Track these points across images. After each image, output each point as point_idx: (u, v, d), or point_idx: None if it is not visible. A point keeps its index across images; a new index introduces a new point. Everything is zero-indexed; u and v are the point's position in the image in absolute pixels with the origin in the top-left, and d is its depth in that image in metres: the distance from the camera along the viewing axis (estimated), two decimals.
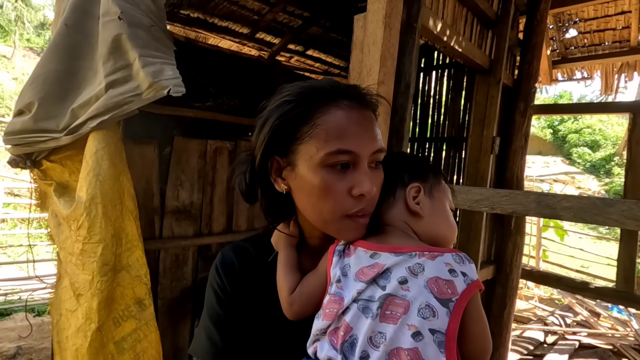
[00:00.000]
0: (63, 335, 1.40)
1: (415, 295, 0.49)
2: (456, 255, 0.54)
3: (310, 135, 0.57)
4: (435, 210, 0.63)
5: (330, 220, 0.59)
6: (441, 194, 0.66)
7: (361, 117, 0.59)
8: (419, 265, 0.52)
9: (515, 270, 2.79)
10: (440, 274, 0.51)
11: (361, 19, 1.40)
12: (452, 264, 0.52)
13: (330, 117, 0.57)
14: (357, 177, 0.57)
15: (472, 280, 0.51)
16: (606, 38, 3.37)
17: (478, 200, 1.20)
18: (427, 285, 0.50)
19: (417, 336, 0.47)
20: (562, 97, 20.81)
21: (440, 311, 0.48)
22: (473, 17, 2.26)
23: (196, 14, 2.98)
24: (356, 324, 0.51)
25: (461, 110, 3.14)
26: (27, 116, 1.38)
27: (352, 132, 0.57)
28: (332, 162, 0.56)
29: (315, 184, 0.57)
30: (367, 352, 0.48)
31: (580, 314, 4.71)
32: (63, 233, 1.41)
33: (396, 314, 0.49)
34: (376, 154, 0.60)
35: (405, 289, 0.50)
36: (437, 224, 0.63)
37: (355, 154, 0.57)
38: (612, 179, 15.27)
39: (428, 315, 0.48)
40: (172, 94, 1.36)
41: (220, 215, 2.99)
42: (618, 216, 0.95)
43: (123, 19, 1.43)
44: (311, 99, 0.59)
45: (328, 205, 0.58)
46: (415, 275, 0.51)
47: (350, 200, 0.57)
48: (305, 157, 0.58)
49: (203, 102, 2.87)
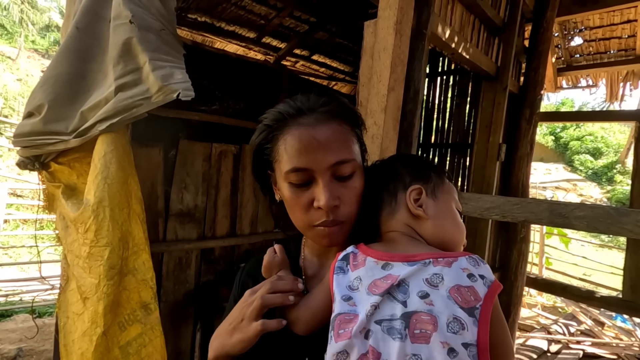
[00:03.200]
0: (69, 339, 1.38)
1: (441, 309, 0.46)
2: (470, 258, 0.51)
3: (278, 154, 0.63)
4: (440, 211, 0.60)
5: (303, 228, 0.65)
6: (445, 194, 0.63)
7: (316, 133, 0.61)
8: (437, 276, 0.49)
9: (520, 278, 2.78)
10: (460, 281, 0.48)
11: (372, 25, 1.40)
12: (469, 269, 0.49)
13: (288, 137, 0.62)
14: (316, 191, 0.61)
15: (491, 281, 0.49)
16: (612, 46, 3.37)
17: (489, 208, 1.19)
18: (450, 295, 0.47)
19: (451, 353, 0.44)
20: (564, 104, 20.82)
21: (468, 322, 0.45)
22: (480, 23, 2.26)
23: (203, 18, 3.00)
24: (384, 347, 0.47)
25: (466, 117, 3.14)
26: (37, 118, 1.39)
27: (304, 150, 0.60)
28: (291, 180, 0.62)
29: (286, 197, 0.64)
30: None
31: (585, 323, 4.67)
32: (70, 236, 1.40)
33: (426, 332, 0.45)
34: (337, 165, 0.61)
35: (428, 303, 0.47)
36: (443, 226, 0.60)
37: (310, 170, 0.60)
38: (614, 187, 15.22)
39: (457, 329, 0.45)
40: (181, 97, 1.36)
41: (224, 219, 2.99)
42: (633, 226, 0.94)
43: (134, 23, 1.44)
44: (277, 122, 0.64)
45: (297, 216, 0.64)
46: (436, 286, 0.48)
47: (314, 212, 0.61)
48: (279, 175, 0.65)
49: (209, 105, 2.88)
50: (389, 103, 1.36)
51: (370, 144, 1.39)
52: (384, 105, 1.34)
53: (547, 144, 18.50)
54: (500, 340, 0.49)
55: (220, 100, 2.94)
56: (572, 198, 14.20)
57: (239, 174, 3.02)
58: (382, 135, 1.35)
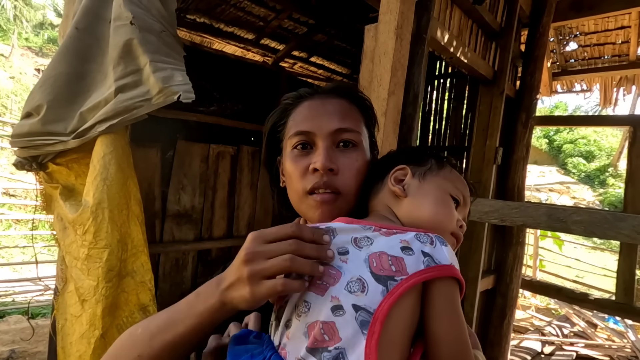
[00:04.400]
0: (67, 341, 1.37)
1: (350, 268, 0.44)
2: (424, 235, 0.47)
3: (288, 127, 0.65)
4: (422, 192, 0.57)
5: (298, 200, 0.62)
6: (439, 178, 0.58)
7: (322, 102, 0.63)
8: (367, 239, 0.47)
9: (516, 280, 2.80)
10: (389, 250, 0.44)
11: (372, 29, 1.41)
12: (409, 242, 0.45)
13: (300, 108, 0.64)
14: (314, 155, 0.61)
15: (437, 263, 0.44)
16: (606, 52, 3.42)
17: (488, 212, 1.20)
18: (367, 259, 0.44)
19: (338, 309, 0.41)
20: (558, 108, 21.05)
21: (372, 287, 0.42)
22: (478, 28, 2.29)
23: (202, 19, 2.99)
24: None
25: (463, 120, 3.17)
26: (35, 119, 1.37)
27: (309, 116, 0.62)
28: (293, 144, 0.62)
29: (287, 170, 0.63)
30: (290, 321, 0.45)
31: (578, 325, 4.72)
32: (69, 237, 1.39)
33: (326, 284, 0.44)
34: (338, 132, 0.61)
35: (344, 260, 0.45)
36: (420, 204, 0.55)
37: (312, 133, 0.61)
38: (606, 190, 15.41)
39: (356, 289, 0.42)
40: (182, 99, 1.36)
41: (221, 220, 2.98)
42: (629, 231, 0.95)
43: (135, 24, 1.43)
44: (295, 100, 0.67)
45: (294, 185, 0.62)
46: (359, 248, 0.46)
47: (310, 176, 0.60)
48: (285, 148, 0.65)
49: (207, 106, 2.87)
50: (389, 107, 1.37)
51: None
52: (384, 109, 1.35)
53: (541, 147, 18.68)
54: (447, 337, 0.44)
55: (218, 101, 2.94)
56: (566, 201, 14.34)
57: (236, 175, 3.02)
58: (382, 139, 1.35)
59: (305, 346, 0.41)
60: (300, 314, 0.44)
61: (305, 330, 0.42)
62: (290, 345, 0.43)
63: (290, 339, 0.44)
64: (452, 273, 0.45)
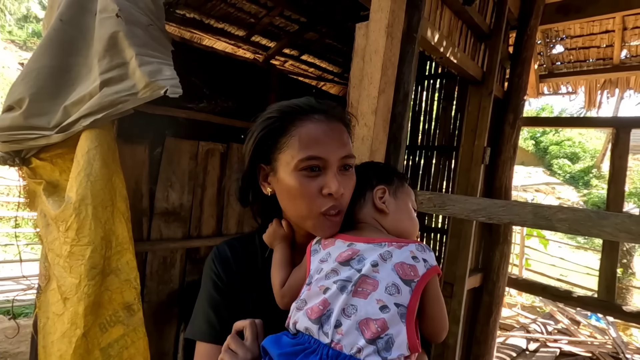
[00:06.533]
0: (49, 340, 1.34)
1: (383, 276, 0.59)
2: (419, 245, 0.64)
3: (287, 145, 0.68)
4: (399, 208, 0.74)
5: (307, 216, 0.69)
6: (404, 194, 0.76)
7: (329, 128, 0.69)
8: (389, 253, 0.62)
9: (502, 278, 2.84)
10: (405, 259, 0.61)
11: (363, 27, 1.41)
12: (415, 252, 0.62)
13: (303, 130, 0.68)
14: (327, 179, 0.67)
15: (431, 265, 0.61)
16: (591, 55, 3.49)
17: (475, 210, 1.21)
18: (394, 268, 0.60)
19: (384, 309, 0.56)
20: (544, 110, 21.44)
21: (403, 289, 0.58)
22: (468, 29, 2.31)
23: (192, 14, 2.95)
24: (333, 299, 0.58)
25: (452, 120, 3.20)
26: (17, 112, 1.33)
27: (321, 141, 0.67)
28: (304, 166, 0.67)
29: (292, 186, 0.67)
30: (340, 322, 0.56)
31: (561, 322, 4.82)
32: (51, 234, 1.36)
33: (366, 290, 0.58)
34: (345, 159, 0.69)
35: (376, 271, 0.60)
36: (401, 219, 0.73)
37: (324, 160, 0.67)
38: (590, 190, 15.76)
39: (394, 292, 0.57)
40: (169, 94, 1.33)
41: (210, 218, 2.95)
42: (612, 229, 0.98)
43: (121, 17, 1.40)
44: (288, 115, 0.70)
45: (304, 204, 0.68)
46: (385, 260, 0.61)
47: (322, 199, 0.67)
48: (284, 164, 0.68)
49: (196, 103, 2.84)
50: (380, 105, 1.37)
51: (360, 146, 1.40)
52: (374, 107, 1.35)
53: (528, 148, 19.01)
54: (436, 314, 0.63)
55: (208, 98, 2.90)
56: (551, 201, 14.64)
57: (225, 173, 2.99)
58: (373, 137, 1.36)
59: (362, 338, 0.54)
60: (350, 315, 0.56)
61: (357, 327, 0.55)
62: (346, 339, 0.55)
63: (345, 334, 0.55)
64: (437, 271, 0.62)
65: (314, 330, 0.57)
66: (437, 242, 3.26)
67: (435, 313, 0.63)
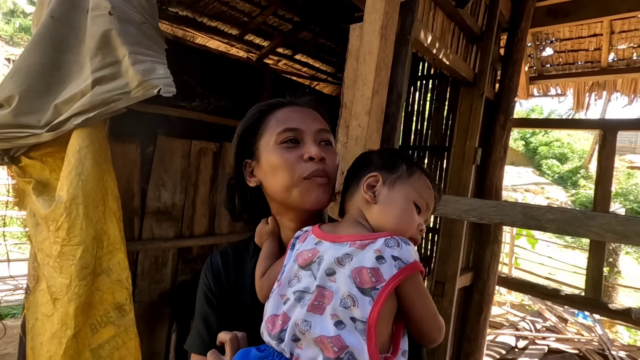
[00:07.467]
0: (38, 341, 1.32)
1: (339, 286, 0.52)
2: (391, 239, 0.55)
3: (266, 128, 0.74)
4: (390, 200, 0.62)
5: (291, 184, 0.69)
6: (407, 186, 0.63)
7: (302, 109, 0.76)
8: (348, 256, 0.54)
9: (492, 277, 2.89)
10: (366, 263, 0.52)
11: (357, 28, 1.42)
12: (381, 250, 0.53)
13: (278, 113, 0.75)
14: (306, 147, 0.71)
15: (405, 263, 0.53)
16: (579, 58, 3.56)
17: (467, 210, 1.23)
18: (351, 275, 0.52)
19: (339, 325, 0.50)
20: (534, 111, 21.76)
21: (361, 300, 0.50)
22: (460, 31, 2.34)
23: (185, 12, 2.93)
24: (292, 313, 0.54)
25: (444, 121, 3.23)
26: (6, 110, 1.31)
27: (295, 117, 0.73)
28: (283, 139, 0.71)
29: (275, 160, 0.70)
30: (297, 336, 0.52)
31: (549, 320, 4.91)
32: (41, 233, 1.34)
33: (322, 305, 0.52)
34: (321, 132, 0.74)
35: (332, 280, 0.53)
36: (387, 212, 0.62)
37: (300, 130, 0.72)
38: (578, 191, 16.06)
39: (349, 305, 0.50)
40: (162, 93, 1.32)
41: (202, 217, 2.93)
42: (598, 229, 1.00)
43: (113, 14, 1.39)
44: (268, 107, 0.77)
45: (286, 172, 0.69)
46: (343, 265, 0.54)
47: (303, 164, 0.69)
48: (265, 146, 0.73)
49: (189, 101, 2.81)
50: (373, 106, 1.38)
51: (353, 146, 1.41)
52: (368, 108, 1.36)
53: (518, 148, 19.28)
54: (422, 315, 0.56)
55: (201, 97, 2.88)
56: (540, 201, 14.87)
57: (218, 172, 2.97)
58: (366, 138, 1.37)
59: (321, 354, 0.49)
60: (304, 331, 0.51)
61: (313, 343, 0.50)
62: (305, 355, 0.51)
63: (303, 349, 0.51)
64: (417, 268, 0.54)
65: (273, 344, 0.55)
66: (429, 242, 3.29)
67: (420, 314, 0.55)
